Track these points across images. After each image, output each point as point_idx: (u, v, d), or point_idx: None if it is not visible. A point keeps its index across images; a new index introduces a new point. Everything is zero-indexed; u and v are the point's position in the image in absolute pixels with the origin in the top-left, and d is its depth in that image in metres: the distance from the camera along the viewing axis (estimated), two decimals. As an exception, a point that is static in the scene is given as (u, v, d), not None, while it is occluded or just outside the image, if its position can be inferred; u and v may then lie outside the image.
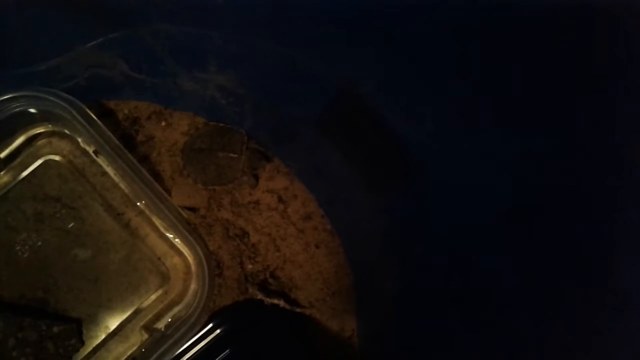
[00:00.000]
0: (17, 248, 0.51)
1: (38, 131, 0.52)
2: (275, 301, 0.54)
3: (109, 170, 0.53)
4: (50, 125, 0.52)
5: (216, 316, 0.53)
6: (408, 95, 0.42)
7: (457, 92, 0.39)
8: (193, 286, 0.52)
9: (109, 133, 0.50)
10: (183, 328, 0.50)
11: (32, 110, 0.50)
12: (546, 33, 0.32)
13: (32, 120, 0.51)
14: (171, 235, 0.53)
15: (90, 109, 0.50)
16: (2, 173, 0.52)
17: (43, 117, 0.51)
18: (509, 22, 0.33)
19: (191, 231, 0.52)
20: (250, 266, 0.56)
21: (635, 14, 0.29)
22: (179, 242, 0.53)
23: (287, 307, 0.55)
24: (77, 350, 0.51)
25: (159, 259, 0.53)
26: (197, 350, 0.52)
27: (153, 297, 0.53)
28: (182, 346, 0.51)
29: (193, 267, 0.52)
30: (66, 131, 0.52)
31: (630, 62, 0.30)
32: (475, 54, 0.36)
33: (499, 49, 0.35)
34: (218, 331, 0.52)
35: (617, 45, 0.30)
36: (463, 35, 0.35)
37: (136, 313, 0.52)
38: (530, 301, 0.38)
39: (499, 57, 0.35)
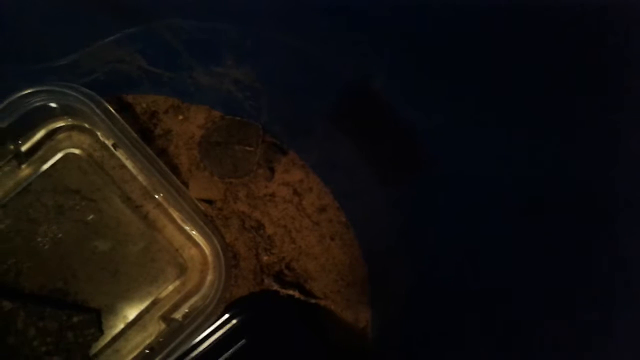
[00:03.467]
0: (38, 240, 0.52)
1: (58, 125, 0.53)
2: (291, 292, 0.55)
3: (128, 163, 0.54)
4: (70, 119, 0.53)
5: (232, 307, 0.54)
6: (420, 88, 0.42)
7: (468, 86, 0.39)
8: (210, 277, 0.53)
9: (128, 127, 0.50)
10: (200, 318, 0.51)
11: (53, 105, 0.50)
12: (550, 32, 0.33)
13: (53, 115, 0.52)
14: (188, 227, 0.53)
15: (109, 103, 0.50)
16: (23, 166, 0.52)
17: (63, 111, 0.52)
18: (515, 21, 0.33)
19: (208, 223, 0.52)
20: (265, 258, 0.56)
21: (635, 14, 0.29)
22: (196, 234, 0.53)
23: (302, 298, 0.55)
24: (97, 340, 0.51)
25: (177, 250, 0.54)
26: (214, 340, 0.52)
27: (171, 287, 0.53)
28: (198, 336, 0.51)
29: (210, 259, 0.53)
30: (86, 125, 0.53)
31: (630, 62, 0.30)
32: (484, 49, 0.36)
33: (508, 46, 0.35)
34: (234, 321, 0.53)
35: (618, 44, 0.31)
36: (472, 32, 0.36)
37: (154, 303, 0.53)
38: (541, 297, 0.38)
39: (508, 53, 0.35)
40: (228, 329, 0.53)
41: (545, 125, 0.35)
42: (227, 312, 0.53)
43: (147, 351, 0.52)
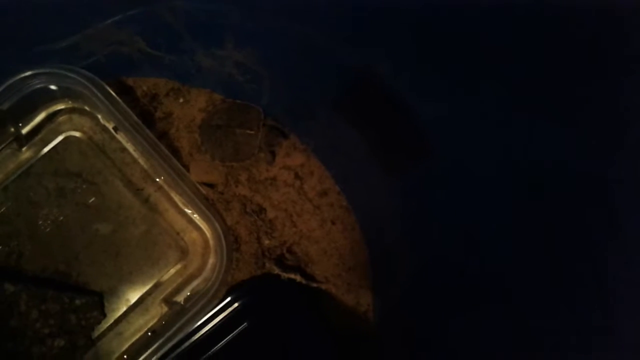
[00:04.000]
0: (40, 222, 0.52)
1: (58, 108, 0.53)
2: (292, 276, 0.55)
3: (129, 146, 0.53)
4: (70, 102, 0.53)
5: (234, 290, 0.54)
6: (424, 76, 0.42)
7: (472, 75, 0.39)
8: (211, 260, 0.53)
9: (128, 109, 0.50)
10: (202, 301, 0.51)
11: (53, 87, 0.50)
12: (555, 24, 0.32)
13: (53, 97, 0.52)
14: (190, 211, 0.54)
15: (109, 85, 0.50)
16: (24, 149, 0.52)
17: (63, 93, 0.52)
18: (519, 13, 0.33)
19: (209, 207, 0.52)
20: (267, 241, 0.56)
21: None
22: (198, 217, 0.53)
23: (304, 281, 0.56)
24: (99, 322, 0.52)
25: (178, 233, 0.54)
26: (216, 323, 0.53)
27: (172, 271, 0.54)
28: (200, 319, 0.52)
29: (211, 242, 0.53)
30: (86, 108, 0.53)
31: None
32: (489, 39, 0.36)
33: (512, 36, 0.35)
34: (236, 305, 0.53)
35: (619, 38, 0.30)
36: (477, 20, 0.35)
37: (156, 286, 0.53)
38: (541, 284, 0.38)
39: (512, 42, 0.35)
40: (230, 313, 0.53)
41: (548, 116, 0.35)
42: (228, 296, 0.53)
43: (149, 334, 0.52)
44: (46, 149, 0.53)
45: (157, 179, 0.54)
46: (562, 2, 0.31)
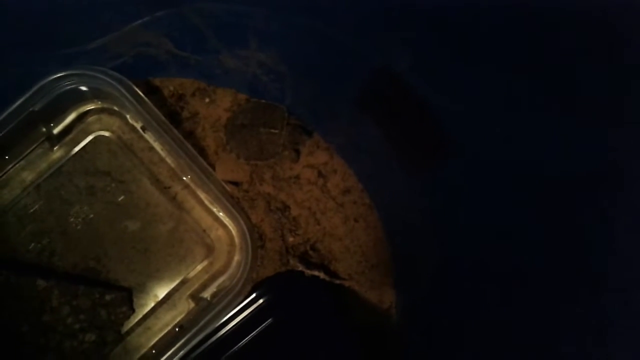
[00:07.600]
0: (71, 220, 0.53)
1: (88, 108, 0.54)
2: (316, 273, 0.56)
3: (156, 145, 0.54)
4: (99, 102, 0.54)
5: (259, 287, 0.55)
6: (444, 73, 0.42)
7: (494, 70, 0.39)
8: (237, 257, 0.54)
9: (156, 109, 0.51)
10: (227, 297, 0.52)
11: (83, 88, 0.51)
12: (574, 22, 0.32)
13: (83, 98, 0.53)
14: (215, 209, 0.54)
15: (137, 86, 0.51)
16: (55, 149, 0.54)
17: (93, 94, 0.53)
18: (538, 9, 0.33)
19: (234, 205, 0.53)
20: (291, 239, 0.57)
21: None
22: (223, 215, 0.54)
23: (327, 278, 0.56)
24: (128, 317, 0.53)
25: (204, 231, 0.55)
26: (241, 319, 0.54)
27: (199, 267, 0.54)
28: (226, 315, 0.52)
29: (237, 240, 0.54)
30: (115, 108, 0.54)
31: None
32: (510, 33, 0.36)
33: (532, 30, 0.35)
34: (261, 301, 0.54)
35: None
36: (496, 15, 0.35)
37: (183, 283, 0.54)
38: (567, 281, 0.38)
39: (533, 37, 0.35)
40: (255, 309, 0.54)
41: (567, 112, 0.35)
42: (253, 292, 0.54)
43: (177, 329, 0.53)
44: (77, 149, 0.54)
45: (184, 178, 0.55)
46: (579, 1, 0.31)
